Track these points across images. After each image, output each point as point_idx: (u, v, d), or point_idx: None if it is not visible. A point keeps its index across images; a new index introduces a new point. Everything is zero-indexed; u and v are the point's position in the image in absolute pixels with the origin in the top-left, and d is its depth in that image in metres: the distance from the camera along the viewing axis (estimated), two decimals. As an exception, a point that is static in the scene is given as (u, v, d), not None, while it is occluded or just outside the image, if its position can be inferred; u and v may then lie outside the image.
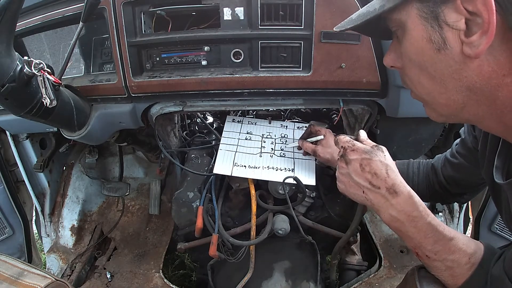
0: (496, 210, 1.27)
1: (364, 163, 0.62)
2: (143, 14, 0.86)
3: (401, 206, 0.58)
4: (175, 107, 0.98)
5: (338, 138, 0.69)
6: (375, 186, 0.60)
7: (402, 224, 0.59)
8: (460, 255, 0.55)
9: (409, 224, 0.58)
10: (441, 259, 0.57)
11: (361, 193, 0.64)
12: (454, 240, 0.56)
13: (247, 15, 0.83)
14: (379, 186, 0.60)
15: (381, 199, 0.60)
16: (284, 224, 1.04)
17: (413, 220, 0.58)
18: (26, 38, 0.98)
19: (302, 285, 1.11)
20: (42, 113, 0.79)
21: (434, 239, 0.57)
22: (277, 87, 0.91)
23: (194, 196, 1.10)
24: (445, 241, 0.56)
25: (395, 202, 0.59)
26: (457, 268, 0.56)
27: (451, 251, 0.56)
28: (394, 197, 0.59)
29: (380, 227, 1.51)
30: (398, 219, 0.59)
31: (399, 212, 0.58)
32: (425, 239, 0.57)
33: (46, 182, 1.48)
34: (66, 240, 1.53)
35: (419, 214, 0.58)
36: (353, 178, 0.63)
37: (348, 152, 0.65)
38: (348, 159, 0.64)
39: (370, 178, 0.61)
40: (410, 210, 0.58)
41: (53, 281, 0.70)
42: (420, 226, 0.57)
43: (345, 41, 0.84)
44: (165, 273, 1.41)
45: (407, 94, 0.89)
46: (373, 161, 0.61)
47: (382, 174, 0.60)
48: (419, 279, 0.60)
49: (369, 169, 0.61)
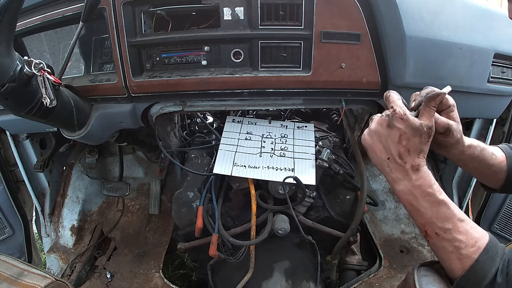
0: (496, 209, 1.28)
1: (404, 136, 0.61)
2: (143, 14, 0.86)
3: (419, 182, 0.60)
4: (175, 107, 0.98)
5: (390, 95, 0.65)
6: (403, 160, 0.61)
7: (415, 198, 0.61)
8: (468, 236, 0.57)
9: (423, 199, 0.60)
10: (450, 238, 0.58)
11: (385, 158, 0.64)
12: (464, 222, 0.58)
13: (247, 15, 0.83)
14: (406, 161, 0.61)
15: (403, 172, 0.62)
16: (284, 224, 1.04)
17: (428, 195, 0.60)
18: (26, 38, 0.98)
19: (302, 285, 1.11)
20: (42, 113, 0.79)
21: (445, 216, 0.59)
22: (277, 87, 0.91)
23: (194, 196, 1.10)
24: (455, 220, 0.58)
25: (414, 177, 0.61)
26: (463, 249, 0.56)
27: (460, 231, 0.57)
28: (415, 173, 0.61)
29: (380, 227, 1.51)
30: (413, 193, 0.61)
31: (415, 186, 0.61)
32: (436, 216, 0.59)
33: (46, 182, 1.48)
34: (66, 240, 1.53)
35: (433, 191, 0.60)
36: (387, 142, 0.63)
37: (397, 117, 0.62)
38: (392, 124, 0.62)
39: (402, 151, 0.61)
40: (427, 186, 0.60)
41: (53, 281, 0.70)
42: (433, 201, 0.59)
43: (345, 41, 0.84)
44: (165, 273, 1.40)
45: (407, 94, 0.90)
46: (414, 139, 0.60)
47: (414, 153, 0.61)
48: (419, 278, 0.60)
49: (406, 143, 0.61)
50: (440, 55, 0.85)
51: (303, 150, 1.08)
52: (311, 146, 1.09)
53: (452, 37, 0.86)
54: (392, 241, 1.44)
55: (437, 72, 0.87)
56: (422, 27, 0.82)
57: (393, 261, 1.35)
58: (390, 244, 1.43)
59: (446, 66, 0.87)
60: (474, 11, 0.92)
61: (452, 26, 0.87)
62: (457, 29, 0.87)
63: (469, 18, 0.90)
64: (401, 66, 0.83)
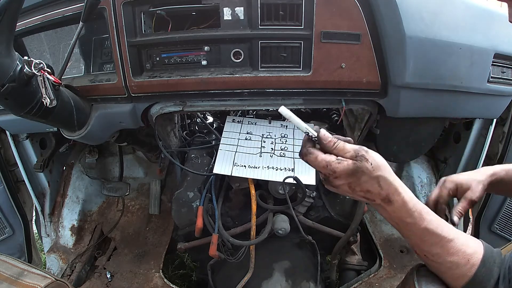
0: (496, 209, 1.28)
1: (353, 186, 0.58)
2: (143, 14, 0.86)
3: (395, 213, 0.58)
4: (175, 107, 0.98)
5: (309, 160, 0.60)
6: (370, 199, 0.59)
7: (398, 227, 0.61)
8: (459, 257, 0.55)
9: (404, 229, 0.59)
10: (440, 261, 0.57)
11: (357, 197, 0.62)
12: (453, 242, 0.56)
13: (247, 15, 0.83)
14: (374, 199, 0.59)
15: (377, 207, 0.61)
16: (284, 224, 1.05)
17: (407, 226, 0.58)
18: (26, 38, 0.98)
19: (302, 285, 1.11)
20: (42, 113, 0.79)
21: (430, 242, 0.57)
22: (277, 87, 0.91)
23: (194, 196, 1.10)
24: (443, 243, 0.56)
25: (389, 210, 0.59)
26: (456, 269, 0.55)
27: (449, 253, 0.56)
28: (388, 205, 0.58)
29: (380, 227, 1.51)
30: (394, 222, 0.60)
31: (392, 218, 0.59)
32: (422, 242, 0.58)
33: (46, 182, 1.48)
34: (66, 240, 1.53)
35: (413, 221, 0.57)
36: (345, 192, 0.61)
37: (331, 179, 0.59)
38: (335, 185, 0.60)
39: (363, 195, 0.59)
40: (404, 217, 0.58)
41: (53, 281, 0.70)
42: (415, 231, 0.58)
43: (345, 41, 0.84)
44: (165, 273, 1.40)
45: (407, 94, 0.90)
46: (362, 181, 0.57)
47: (374, 189, 0.57)
48: (418, 279, 0.60)
49: (360, 189, 0.58)
50: (440, 55, 0.85)
51: (303, 150, 1.08)
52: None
53: (452, 37, 0.86)
54: (392, 241, 1.44)
55: (437, 72, 0.87)
56: (422, 27, 0.82)
57: (393, 261, 1.35)
58: (390, 244, 1.43)
59: (446, 66, 0.87)
60: (474, 11, 0.92)
61: (452, 26, 0.87)
62: (457, 29, 0.87)
63: (469, 18, 0.90)
64: (401, 66, 0.83)
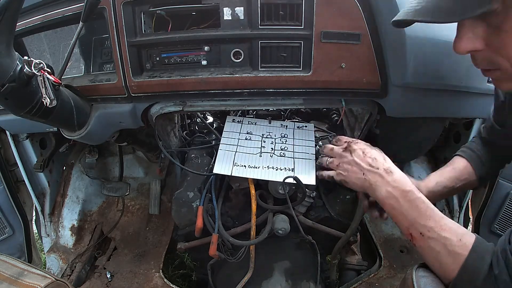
0: (496, 209, 1.28)
1: (365, 151, 0.77)
2: (143, 14, 0.86)
3: (396, 182, 0.68)
4: (175, 107, 0.98)
5: (339, 137, 0.86)
6: (374, 167, 0.73)
7: (396, 201, 0.66)
8: (452, 233, 0.59)
9: (404, 199, 0.66)
10: (435, 236, 0.60)
11: (361, 175, 0.75)
12: (444, 219, 0.61)
13: (247, 15, 0.83)
14: (378, 167, 0.72)
15: (379, 177, 0.71)
16: (284, 224, 1.04)
17: (407, 195, 0.66)
18: (26, 38, 0.98)
19: (302, 285, 1.11)
20: (42, 113, 0.79)
21: (427, 213, 0.62)
22: (277, 87, 0.91)
23: (194, 196, 1.10)
24: (437, 218, 0.61)
25: (391, 179, 0.69)
26: (450, 246, 0.58)
27: (443, 229, 0.60)
28: (390, 175, 0.70)
29: (380, 227, 1.51)
30: (393, 195, 0.67)
31: (394, 188, 0.68)
32: (419, 214, 0.63)
33: (46, 182, 1.48)
34: (66, 240, 1.53)
35: (412, 188, 0.66)
36: (356, 161, 0.76)
37: (352, 144, 0.80)
38: (352, 149, 0.79)
39: (370, 162, 0.74)
40: (404, 185, 0.67)
41: (53, 281, 0.70)
42: (413, 199, 0.65)
43: (345, 41, 0.84)
44: (165, 273, 1.40)
45: (407, 94, 0.90)
46: (372, 150, 0.78)
47: (380, 159, 0.75)
48: (417, 279, 0.60)
49: (369, 155, 0.76)
50: (440, 55, 0.85)
51: (303, 150, 1.08)
52: (311, 146, 1.09)
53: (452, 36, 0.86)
54: (392, 241, 1.44)
55: (437, 72, 0.87)
56: (422, 27, 0.82)
57: (393, 261, 1.35)
58: (390, 244, 1.44)
59: (446, 66, 0.87)
60: (474, 11, 0.92)
61: (452, 26, 0.87)
62: (457, 29, 0.87)
63: (469, 18, 0.90)
64: (401, 66, 0.83)
